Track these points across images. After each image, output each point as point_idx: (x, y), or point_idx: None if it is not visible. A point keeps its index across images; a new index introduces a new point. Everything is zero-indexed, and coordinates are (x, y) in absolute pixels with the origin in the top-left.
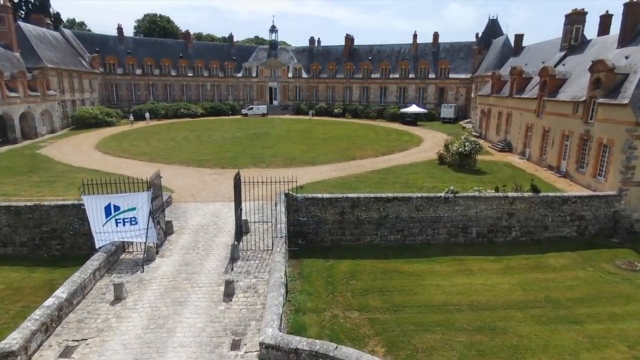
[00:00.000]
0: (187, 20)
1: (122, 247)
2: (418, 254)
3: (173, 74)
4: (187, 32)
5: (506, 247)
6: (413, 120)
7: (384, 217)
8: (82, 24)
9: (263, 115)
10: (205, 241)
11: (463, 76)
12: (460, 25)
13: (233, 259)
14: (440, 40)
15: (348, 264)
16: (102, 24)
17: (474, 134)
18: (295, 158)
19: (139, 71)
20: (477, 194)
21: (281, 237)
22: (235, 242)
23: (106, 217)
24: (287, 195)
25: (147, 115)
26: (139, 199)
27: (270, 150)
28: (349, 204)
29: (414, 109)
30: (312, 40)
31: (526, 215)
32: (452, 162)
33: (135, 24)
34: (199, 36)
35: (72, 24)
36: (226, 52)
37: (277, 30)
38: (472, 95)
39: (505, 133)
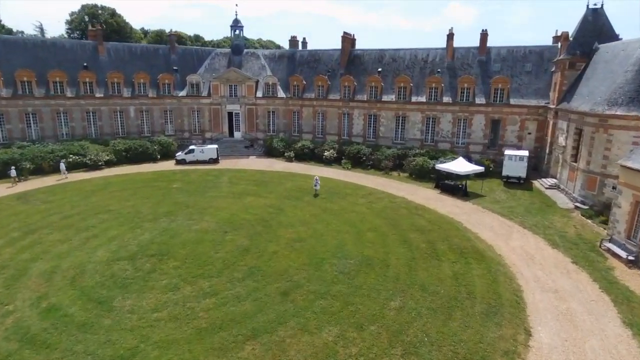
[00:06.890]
0: (188, 19)
1: None
2: None
3: (69, 94)
4: (99, 30)
5: None
6: (461, 186)
7: None
8: None
9: (211, 161)
10: None
11: (533, 102)
12: (464, 25)
13: None
14: (490, 43)
15: None
16: (26, 18)
17: (608, 247)
18: None
19: (6, 91)
20: None
21: None
22: None
23: None
24: None
25: (61, 166)
26: None
27: None
28: None
29: (461, 165)
30: (294, 41)
31: None
32: None
33: (68, 17)
34: (159, 34)
35: None
36: (163, 60)
37: (242, 27)
38: (560, 140)
39: None
